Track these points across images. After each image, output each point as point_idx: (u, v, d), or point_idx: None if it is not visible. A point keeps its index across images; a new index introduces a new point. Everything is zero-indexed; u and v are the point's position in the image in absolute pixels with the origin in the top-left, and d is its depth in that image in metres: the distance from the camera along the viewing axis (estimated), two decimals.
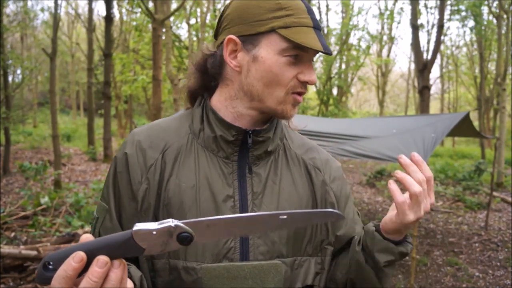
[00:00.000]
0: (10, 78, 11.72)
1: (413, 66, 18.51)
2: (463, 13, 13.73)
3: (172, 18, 11.80)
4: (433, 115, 6.56)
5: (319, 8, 18.04)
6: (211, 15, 11.92)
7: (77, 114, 30.13)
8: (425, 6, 16.91)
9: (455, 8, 13.64)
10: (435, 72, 36.48)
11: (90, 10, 12.88)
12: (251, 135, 0.86)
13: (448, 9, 13.86)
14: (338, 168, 0.99)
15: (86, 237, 0.57)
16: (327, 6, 18.63)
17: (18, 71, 14.52)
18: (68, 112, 30.07)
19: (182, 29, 26.29)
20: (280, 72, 0.81)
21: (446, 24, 18.12)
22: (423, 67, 9.28)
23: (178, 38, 12.45)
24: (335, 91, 16.93)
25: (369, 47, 16.63)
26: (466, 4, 12.84)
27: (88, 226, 5.06)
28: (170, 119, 0.93)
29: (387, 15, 17.02)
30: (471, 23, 16.30)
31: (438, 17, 10.38)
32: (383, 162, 9.50)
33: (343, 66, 17.56)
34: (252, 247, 0.82)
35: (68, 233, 4.71)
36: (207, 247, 0.79)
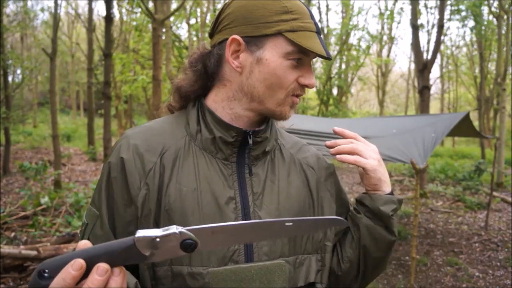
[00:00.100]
0: (10, 78, 11.74)
1: (413, 66, 18.51)
2: (463, 13, 13.74)
3: (172, 18, 11.80)
4: (433, 115, 6.56)
5: (319, 8, 18.03)
6: (211, 15, 11.91)
7: (77, 114, 30.13)
8: (425, 6, 16.92)
9: (455, 8, 13.65)
10: (435, 72, 36.53)
11: (90, 10, 12.88)
12: (251, 136, 0.85)
13: (448, 9, 13.88)
14: (330, 165, 1.01)
15: (84, 244, 0.55)
16: (327, 6, 18.62)
17: (18, 71, 14.53)
18: (68, 112, 30.07)
19: (182, 29, 26.27)
20: (284, 75, 0.82)
21: (446, 24, 18.11)
22: (423, 67, 9.27)
23: (178, 38, 12.45)
24: (335, 91, 16.93)
25: (369, 47, 16.64)
26: (466, 4, 12.84)
27: None
28: (163, 121, 0.90)
29: (387, 15, 17.02)
30: (471, 23, 16.32)
31: (438, 17, 10.37)
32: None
33: (343, 66, 17.56)
34: (256, 248, 0.82)
35: (68, 233, 4.71)
36: (212, 251, 0.79)
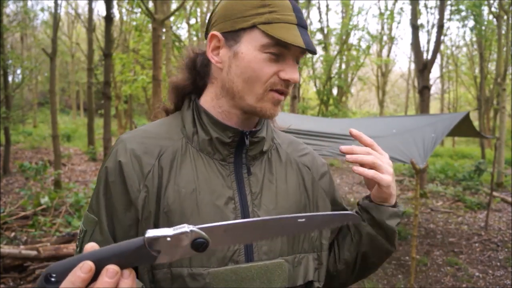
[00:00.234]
0: (10, 78, 11.73)
1: (413, 66, 18.52)
2: (463, 13, 13.75)
3: (172, 18, 11.80)
4: (433, 115, 6.56)
5: (319, 8, 18.06)
6: None
7: (77, 114, 30.13)
8: (425, 6, 16.93)
9: (455, 8, 13.65)
10: (435, 72, 36.50)
11: (90, 10, 12.87)
12: (248, 136, 0.85)
13: (448, 9, 13.88)
14: (324, 164, 1.02)
15: (92, 246, 0.54)
16: (327, 6, 18.63)
17: (18, 71, 14.52)
18: (68, 112, 30.07)
19: (182, 29, 26.29)
20: (259, 68, 0.80)
21: (446, 24, 18.12)
22: (423, 67, 9.27)
23: (178, 38, 12.45)
24: (335, 91, 16.95)
25: (369, 47, 16.66)
26: (466, 4, 12.84)
27: None
28: (158, 124, 0.90)
29: (387, 15, 17.03)
30: (471, 23, 16.32)
31: (438, 17, 10.36)
32: None
33: (343, 66, 17.58)
34: (256, 248, 0.82)
35: (68, 233, 4.70)
36: (212, 251, 0.78)
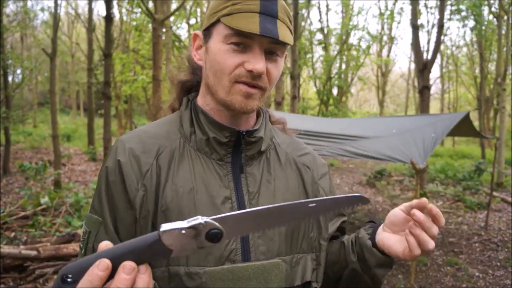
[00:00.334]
0: (10, 78, 11.73)
1: (413, 66, 18.52)
2: (463, 13, 13.75)
3: (172, 18, 11.80)
4: (433, 115, 6.56)
5: (319, 8, 18.07)
6: None
7: (77, 114, 30.12)
8: (425, 6, 16.93)
9: (455, 8, 13.65)
10: (435, 72, 36.48)
11: (90, 10, 12.87)
12: (244, 136, 0.85)
13: (448, 9, 13.88)
14: (324, 165, 1.01)
15: (106, 245, 0.54)
16: (327, 6, 18.64)
17: (18, 71, 14.52)
18: (68, 112, 30.06)
19: (182, 29, 26.28)
20: (223, 60, 0.80)
21: (446, 24, 18.13)
22: (423, 67, 9.27)
23: (178, 38, 12.45)
24: (335, 91, 16.95)
25: (369, 47, 16.66)
26: (466, 4, 12.85)
27: None
28: (156, 124, 0.91)
29: (387, 15, 17.03)
30: (471, 23, 16.33)
31: (438, 17, 10.36)
32: (383, 162, 9.49)
33: (343, 66, 17.58)
34: (253, 247, 0.82)
35: (68, 233, 4.70)
36: (209, 251, 0.78)
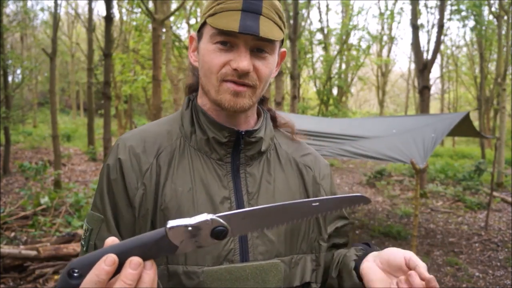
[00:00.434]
0: (10, 78, 11.73)
1: (413, 66, 18.52)
2: (463, 13, 13.74)
3: (172, 18, 11.80)
4: (433, 115, 6.56)
5: (319, 8, 18.07)
6: None
7: (77, 114, 30.12)
8: (425, 6, 16.94)
9: (455, 8, 13.65)
10: (435, 72, 36.52)
11: (90, 10, 12.87)
12: (244, 136, 0.85)
13: (448, 9, 13.88)
14: (327, 166, 1.01)
15: (112, 240, 0.55)
16: (327, 6, 18.64)
17: (18, 71, 14.51)
18: (68, 112, 30.06)
19: (182, 29, 26.31)
20: (210, 59, 0.81)
21: (446, 24, 18.14)
22: (423, 67, 9.28)
23: (178, 38, 12.45)
24: (335, 91, 16.95)
25: (369, 47, 16.66)
26: (467, 4, 12.85)
27: None
28: (158, 123, 0.92)
29: (387, 15, 17.03)
30: (471, 23, 16.33)
31: (438, 17, 10.37)
32: (383, 162, 9.49)
33: (343, 66, 17.58)
34: (251, 248, 0.81)
35: (68, 233, 4.70)
36: (207, 250, 0.78)
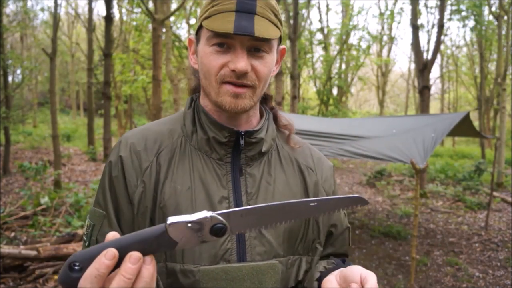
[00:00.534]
0: (10, 78, 11.72)
1: (413, 66, 18.52)
2: (463, 13, 13.74)
3: (172, 18, 11.80)
4: (433, 115, 6.56)
5: (319, 8, 18.07)
6: None
7: (77, 114, 30.13)
8: (425, 6, 16.93)
9: (455, 8, 13.65)
10: (435, 72, 36.50)
11: (90, 10, 12.88)
12: (244, 136, 0.85)
13: (448, 9, 13.88)
14: (330, 168, 1.00)
15: (113, 235, 0.56)
16: (327, 6, 18.64)
17: (18, 71, 14.50)
18: (68, 112, 30.07)
19: (182, 29, 26.31)
20: (208, 62, 0.81)
21: (446, 24, 18.14)
22: (423, 67, 9.27)
23: (178, 38, 12.46)
24: (335, 91, 16.94)
25: (369, 47, 16.65)
26: (467, 4, 12.84)
27: None
28: (161, 122, 0.93)
29: (387, 15, 17.02)
30: (472, 23, 16.33)
31: (438, 17, 10.37)
32: (383, 162, 9.49)
33: (343, 66, 17.57)
34: (249, 248, 0.81)
35: (68, 233, 4.70)
36: (204, 249, 0.79)
